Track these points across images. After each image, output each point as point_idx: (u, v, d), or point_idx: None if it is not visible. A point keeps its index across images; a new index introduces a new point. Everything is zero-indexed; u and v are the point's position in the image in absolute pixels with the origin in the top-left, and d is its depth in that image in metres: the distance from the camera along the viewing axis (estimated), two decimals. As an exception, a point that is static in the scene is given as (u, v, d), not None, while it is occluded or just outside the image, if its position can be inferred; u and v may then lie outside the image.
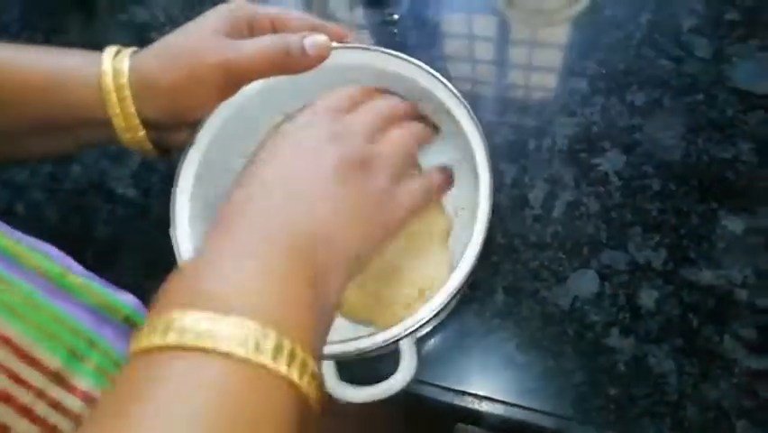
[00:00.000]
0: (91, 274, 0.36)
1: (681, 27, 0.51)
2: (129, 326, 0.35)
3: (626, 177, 0.46)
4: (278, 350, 0.22)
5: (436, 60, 0.53)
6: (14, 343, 0.28)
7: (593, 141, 0.47)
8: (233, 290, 0.24)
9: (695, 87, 0.48)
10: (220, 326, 0.22)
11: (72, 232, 0.50)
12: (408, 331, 0.33)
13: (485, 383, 0.41)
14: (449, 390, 0.42)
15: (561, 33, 0.54)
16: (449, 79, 0.38)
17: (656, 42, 0.51)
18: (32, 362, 0.29)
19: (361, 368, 0.37)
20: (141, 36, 0.58)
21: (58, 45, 0.38)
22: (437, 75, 0.38)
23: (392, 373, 0.35)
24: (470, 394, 0.41)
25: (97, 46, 0.37)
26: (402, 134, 0.33)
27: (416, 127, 0.35)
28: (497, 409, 0.41)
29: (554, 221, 0.45)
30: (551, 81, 0.51)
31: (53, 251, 0.35)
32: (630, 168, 0.46)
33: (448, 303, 0.34)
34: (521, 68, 0.53)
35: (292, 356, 0.23)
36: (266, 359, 0.22)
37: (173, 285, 0.25)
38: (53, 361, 0.30)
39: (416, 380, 0.41)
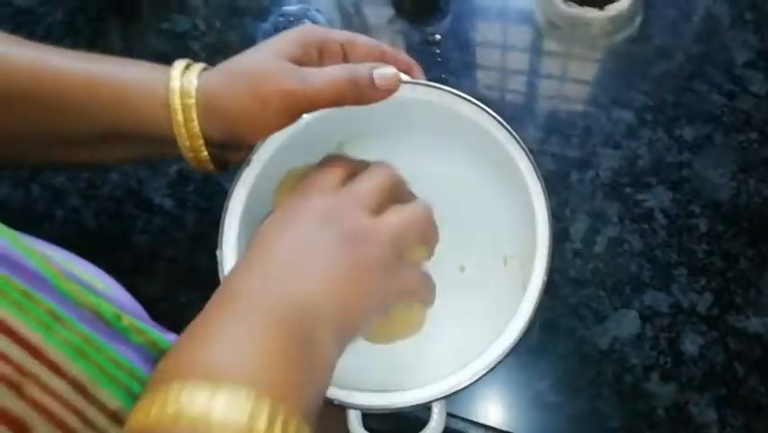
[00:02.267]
0: (139, 313, 0.36)
1: (734, 60, 0.49)
2: None
3: (673, 215, 0.44)
4: (272, 421, 0.24)
5: (475, 85, 0.53)
6: (81, 384, 0.29)
7: (638, 175, 0.46)
8: (230, 360, 0.25)
9: (748, 124, 0.47)
10: (216, 398, 0.23)
11: (108, 239, 0.50)
12: (446, 394, 0.32)
13: (514, 421, 0.40)
14: (477, 424, 0.41)
15: (606, 61, 0.53)
16: (488, 104, 0.37)
17: (708, 75, 0.49)
18: (97, 403, 0.29)
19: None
20: (181, 44, 0.58)
21: (100, 50, 0.38)
22: (499, 119, 0.37)
23: (417, 425, 0.34)
24: (498, 431, 0.40)
25: (139, 52, 0.38)
26: (405, 215, 0.33)
27: (421, 206, 0.35)
28: (528, 449, 0.40)
29: (596, 257, 0.44)
30: (594, 111, 0.50)
31: (110, 283, 0.35)
32: (677, 206, 0.45)
33: (490, 370, 0.33)
34: (564, 96, 0.52)
35: (286, 426, 0.24)
36: (260, 430, 0.23)
37: (175, 353, 0.27)
38: (114, 402, 0.30)
39: (446, 413, 0.40)
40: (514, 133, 0.36)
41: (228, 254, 0.36)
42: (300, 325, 0.28)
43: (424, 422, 0.34)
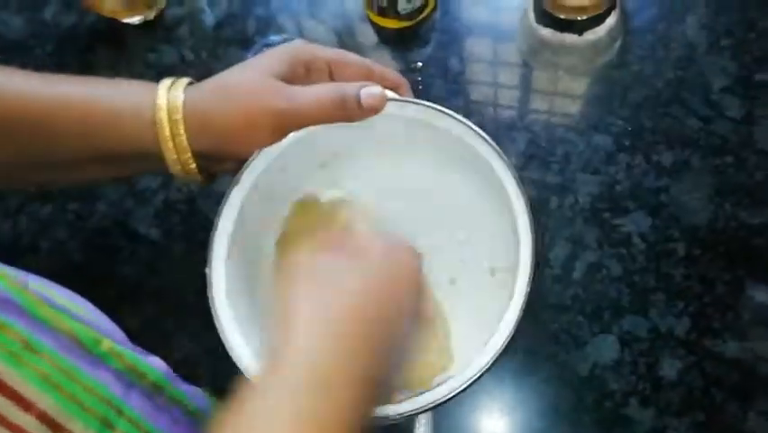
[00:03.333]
0: (119, 337, 0.36)
1: (711, 86, 0.50)
2: (156, 389, 0.35)
3: (651, 240, 0.45)
4: None
5: (457, 111, 0.53)
6: (50, 416, 0.28)
7: (617, 200, 0.47)
8: None
9: (724, 148, 0.47)
10: None
11: (94, 270, 0.51)
12: (431, 406, 0.33)
13: (499, 447, 0.41)
14: (462, 450, 0.41)
15: (585, 88, 0.54)
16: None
17: (685, 101, 0.50)
18: None
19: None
20: (168, 74, 0.58)
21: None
22: (484, 134, 0.38)
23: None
24: (483, 458, 0.41)
25: None
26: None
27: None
28: (510, 476, 0.40)
29: (575, 283, 0.44)
30: (574, 137, 0.51)
31: (87, 309, 0.35)
32: (655, 231, 0.45)
33: (474, 381, 0.33)
34: (543, 122, 0.52)
35: None
36: None
37: None
38: (87, 432, 0.30)
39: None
40: (497, 147, 0.37)
41: (218, 272, 0.36)
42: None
43: None
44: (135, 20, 0.60)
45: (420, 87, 0.55)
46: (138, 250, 0.51)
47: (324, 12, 0.60)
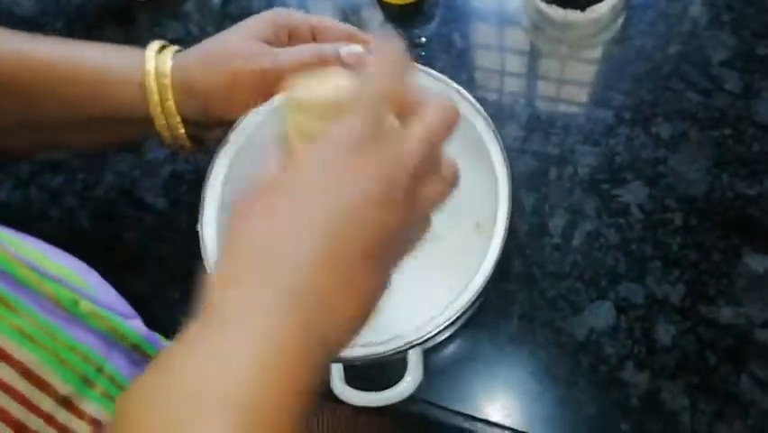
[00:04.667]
0: (102, 300, 0.36)
1: (710, 60, 0.51)
2: (137, 352, 0.36)
3: (648, 210, 0.45)
4: None
5: (461, 85, 0.54)
6: (28, 369, 0.29)
7: (616, 171, 0.47)
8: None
9: (723, 121, 0.48)
10: None
11: (102, 238, 0.52)
12: (415, 343, 0.34)
13: (495, 410, 0.42)
14: (459, 414, 0.42)
15: (587, 62, 0.54)
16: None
17: (685, 74, 0.50)
18: (45, 387, 0.29)
19: (373, 372, 0.37)
20: (176, 50, 0.59)
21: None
22: (462, 90, 0.40)
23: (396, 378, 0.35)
24: (480, 420, 0.42)
25: None
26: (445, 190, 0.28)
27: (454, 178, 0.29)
28: (507, 437, 0.41)
29: (573, 251, 0.45)
30: (575, 110, 0.51)
31: (75, 267, 0.36)
32: (652, 201, 0.46)
33: (456, 319, 0.35)
34: (546, 95, 0.53)
35: None
36: None
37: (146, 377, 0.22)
38: (65, 387, 0.30)
39: (426, 401, 0.42)
40: (477, 104, 0.39)
41: (208, 233, 0.38)
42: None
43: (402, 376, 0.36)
44: (143, -4, 0.61)
45: (423, 63, 0.55)
46: (144, 219, 0.52)
47: (329, -12, 0.60)
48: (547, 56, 0.55)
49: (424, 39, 0.56)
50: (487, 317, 0.43)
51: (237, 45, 0.37)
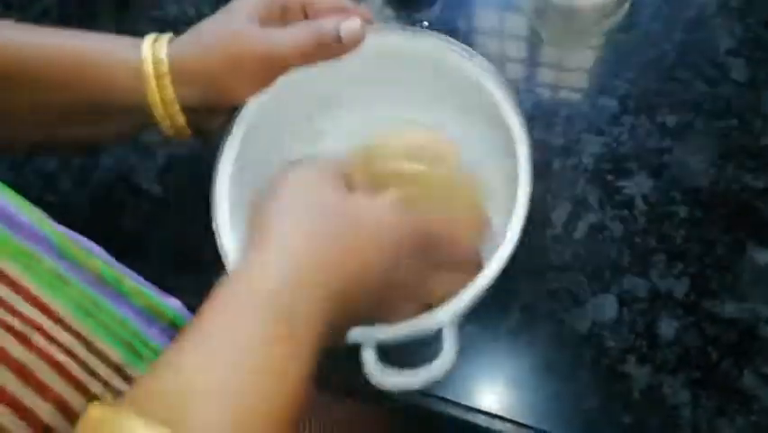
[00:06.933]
0: (141, 279, 0.37)
1: (717, 48, 0.50)
2: (174, 328, 0.37)
3: (653, 201, 0.45)
4: None
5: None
6: (85, 337, 0.30)
7: (620, 162, 0.47)
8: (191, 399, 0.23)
9: (729, 111, 0.47)
10: None
11: (98, 224, 0.51)
12: (454, 316, 0.33)
13: (496, 402, 0.41)
14: (459, 405, 0.42)
15: (591, 49, 0.53)
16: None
17: (691, 63, 0.49)
18: (100, 354, 0.30)
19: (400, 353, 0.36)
20: (171, 30, 0.58)
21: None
22: (468, 49, 0.38)
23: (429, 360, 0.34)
24: (480, 412, 0.41)
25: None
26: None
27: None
28: (507, 429, 0.41)
29: (576, 243, 0.44)
30: (579, 98, 0.50)
31: (108, 258, 0.36)
32: (657, 192, 0.45)
33: (491, 285, 0.34)
34: (549, 83, 0.52)
35: None
36: None
37: (145, 379, 0.25)
38: (117, 356, 0.31)
39: (427, 393, 0.41)
40: (477, 55, 0.38)
41: (224, 229, 0.37)
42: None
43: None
44: (138, -25, 0.59)
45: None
46: (142, 204, 0.51)
47: (329, -30, 0.59)
48: (552, 43, 0.54)
49: (426, 23, 0.55)
50: (488, 309, 0.43)
51: (233, 30, 0.36)
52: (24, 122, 0.39)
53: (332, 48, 0.37)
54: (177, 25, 0.58)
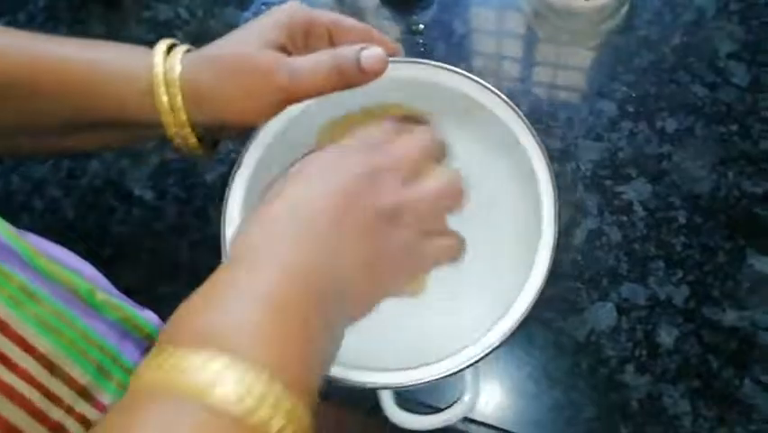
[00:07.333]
0: (115, 291, 0.36)
1: (717, 52, 0.49)
2: (150, 342, 0.35)
3: (652, 207, 0.44)
4: (264, 394, 0.22)
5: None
6: (47, 358, 0.29)
7: (619, 167, 0.46)
8: (234, 329, 0.24)
9: (729, 115, 0.47)
10: (212, 371, 0.22)
11: (87, 230, 0.50)
12: (476, 359, 0.32)
13: (490, 411, 0.41)
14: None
15: (590, 53, 0.53)
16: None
17: (691, 67, 0.49)
18: (64, 378, 0.29)
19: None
20: (163, 33, 0.57)
21: (81, 38, 0.37)
22: (490, 87, 0.36)
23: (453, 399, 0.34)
24: (476, 422, 0.41)
25: (120, 40, 0.37)
26: (440, 184, 0.32)
27: (454, 174, 0.34)
28: (504, 440, 0.40)
29: (574, 249, 0.44)
30: (577, 102, 0.50)
31: (83, 266, 0.35)
32: (656, 198, 0.44)
33: (517, 328, 0.33)
34: (547, 87, 0.51)
35: (279, 401, 0.23)
36: (250, 407, 0.22)
37: (181, 317, 0.25)
38: (83, 378, 0.30)
39: (421, 403, 0.41)
40: (510, 102, 0.36)
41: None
42: (312, 302, 0.26)
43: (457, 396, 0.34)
44: (130, -25, 0.58)
45: (422, 50, 0.54)
46: (132, 210, 0.50)
47: (324, -29, 0.58)
48: (549, 46, 0.53)
49: (422, 25, 0.54)
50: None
51: (250, 56, 0.35)
52: (20, 132, 0.38)
53: (351, 78, 0.35)
54: (169, 28, 0.58)
